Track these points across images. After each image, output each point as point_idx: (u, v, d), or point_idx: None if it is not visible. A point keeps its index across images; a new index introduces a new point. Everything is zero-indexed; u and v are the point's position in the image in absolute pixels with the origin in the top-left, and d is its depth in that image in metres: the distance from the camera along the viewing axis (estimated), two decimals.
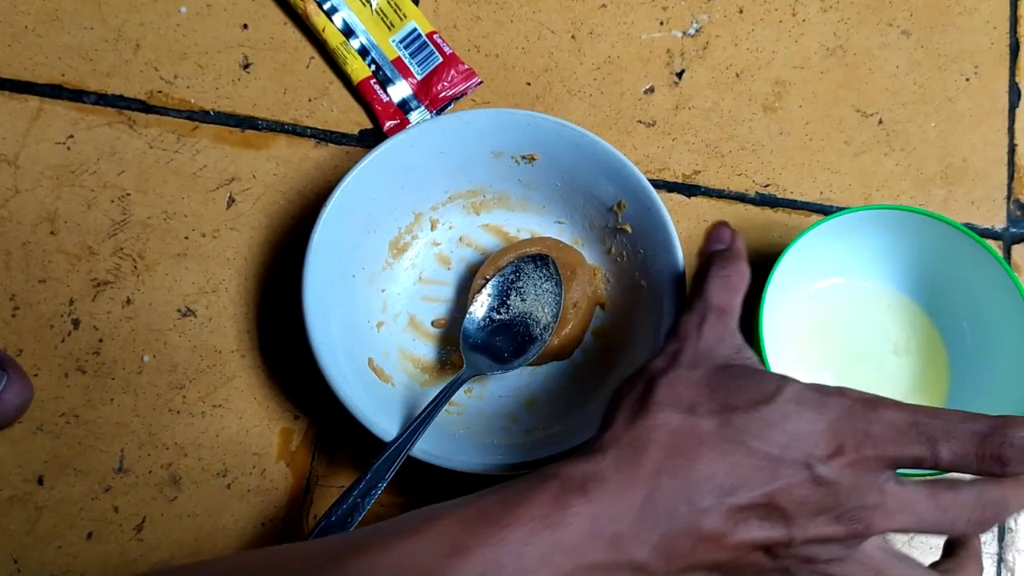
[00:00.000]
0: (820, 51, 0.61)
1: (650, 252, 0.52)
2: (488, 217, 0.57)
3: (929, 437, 0.34)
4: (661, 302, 0.51)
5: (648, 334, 0.52)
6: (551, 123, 0.52)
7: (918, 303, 0.55)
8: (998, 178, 0.59)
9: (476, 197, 0.57)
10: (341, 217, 0.51)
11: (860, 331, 0.55)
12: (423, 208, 0.56)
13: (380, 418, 0.49)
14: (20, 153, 0.58)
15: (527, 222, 0.57)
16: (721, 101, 0.61)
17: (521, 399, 0.54)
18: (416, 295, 0.56)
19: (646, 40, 0.62)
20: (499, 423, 0.53)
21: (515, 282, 0.53)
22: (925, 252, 0.53)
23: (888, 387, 0.54)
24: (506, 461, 0.48)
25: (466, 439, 0.51)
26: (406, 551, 0.33)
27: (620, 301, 0.55)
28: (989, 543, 0.53)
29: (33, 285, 0.56)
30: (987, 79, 0.61)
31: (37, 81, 0.60)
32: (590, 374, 0.55)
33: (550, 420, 0.53)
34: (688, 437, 0.35)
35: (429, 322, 0.56)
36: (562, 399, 0.54)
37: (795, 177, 0.59)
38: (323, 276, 0.50)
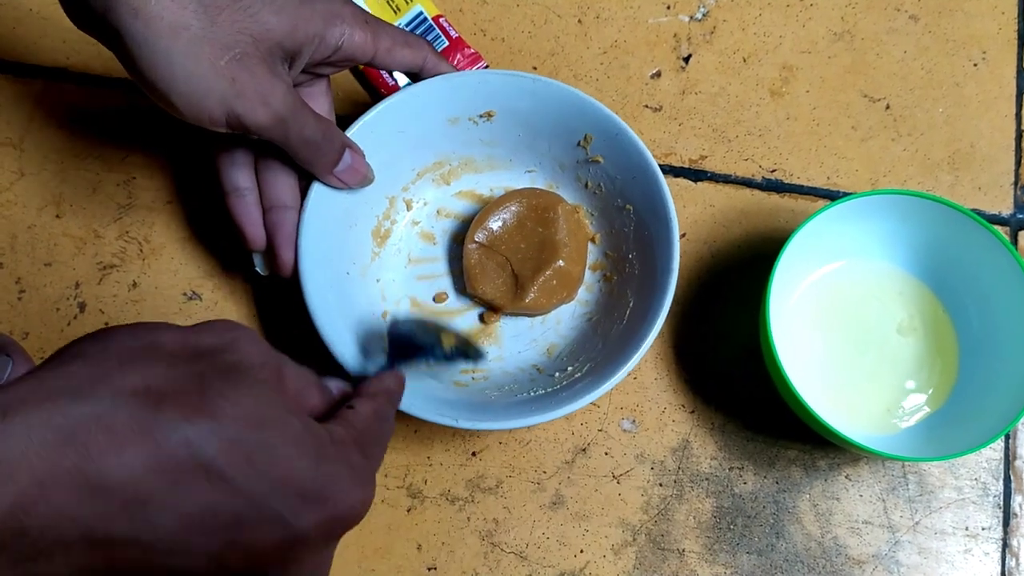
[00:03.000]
0: (828, 36, 0.61)
1: (627, 175, 0.53)
2: (459, 184, 0.58)
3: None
4: (647, 218, 0.52)
5: (643, 252, 0.53)
6: (500, 76, 0.53)
7: (925, 283, 0.55)
8: (1005, 164, 0.59)
9: (443, 168, 0.57)
10: (320, 220, 0.51)
11: (865, 312, 0.55)
12: (394, 191, 0.56)
13: (419, 403, 0.48)
14: (25, 136, 0.58)
15: (498, 179, 0.58)
16: (728, 86, 0.60)
17: (540, 349, 0.55)
18: (410, 277, 0.56)
19: (653, 24, 0.61)
20: (526, 376, 0.53)
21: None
22: (932, 237, 0.53)
23: (892, 366, 0.54)
24: (550, 408, 0.48)
25: (500, 400, 0.51)
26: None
27: (609, 230, 0.56)
28: (994, 528, 0.53)
29: (39, 268, 0.56)
30: (995, 65, 0.61)
31: (42, 64, 0.59)
32: (599, 307, 0.55)
33: (575, 361, 0.53)
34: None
35: (431, 300, 0.56)
36: (579, 339, 0.54)
37: (802, 162, 0.59)
38: (321, 281, 0.50)
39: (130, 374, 0.27)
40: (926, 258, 0.54)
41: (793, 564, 0.52)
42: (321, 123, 0.47)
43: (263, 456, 0.27)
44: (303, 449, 0.28)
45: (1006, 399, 0.49)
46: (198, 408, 0.27)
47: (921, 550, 0.53)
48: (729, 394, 0.55)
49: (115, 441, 0.25)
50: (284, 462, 0.28)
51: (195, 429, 0.26)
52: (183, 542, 0.26)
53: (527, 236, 0.55)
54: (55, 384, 0.26)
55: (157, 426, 0.26)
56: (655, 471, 0.54)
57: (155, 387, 0.27)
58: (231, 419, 0.27)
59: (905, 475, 0.54)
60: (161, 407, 0.26)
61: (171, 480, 0.26)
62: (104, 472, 0.25)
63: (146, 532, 0.26)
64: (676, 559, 0.52)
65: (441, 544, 0.53)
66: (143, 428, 0.26)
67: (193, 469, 0.26)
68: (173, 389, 0.27)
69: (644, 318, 0.50)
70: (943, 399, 0.53)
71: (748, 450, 0.54)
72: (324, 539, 0.29)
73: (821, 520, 0.53)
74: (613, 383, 0.48)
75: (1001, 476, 0.54)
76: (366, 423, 0.33)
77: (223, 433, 0.27)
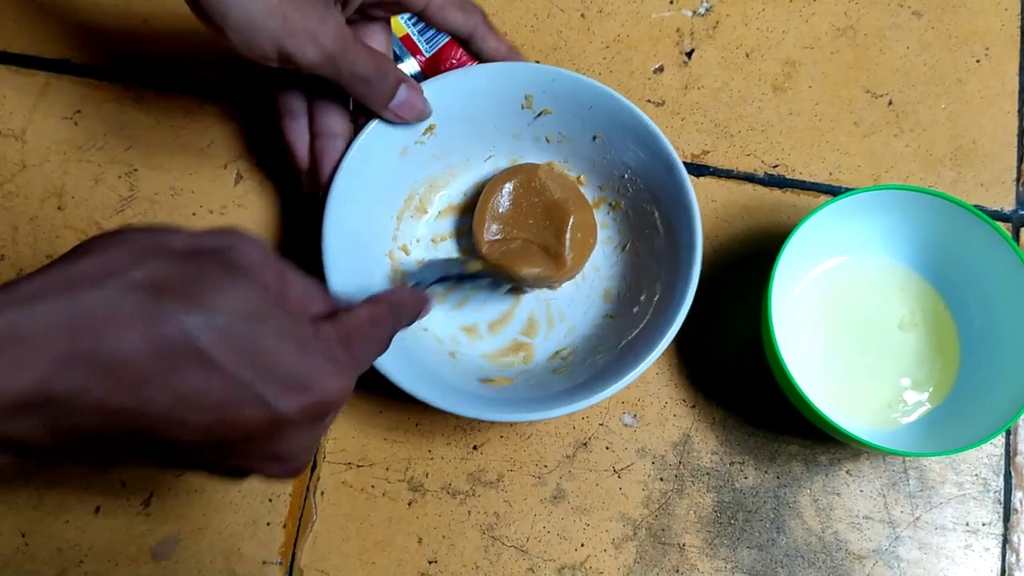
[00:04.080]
0: (830, 31, 0.61)
1: (577, 113, 0.54)
2: (435, 206, 0.58)
3: None
4: (620, 136, 0.53)
5: (638, 171, 0.54)
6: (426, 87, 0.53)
7: (926, 279, 0.55)
8: (1007, 160, 0.59)
9: (414, 200, 0.57)
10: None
11: (867, 308, 0.55)
12: (388, 245, 0.55)
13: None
14: (27, 128, 0.58)
15: (465, 182, 0.58)
16: (731, 81, 0.60)
17: (560, 349, 0.55)
18: (446, 311, 0.56)
19: (656, 19, 0.61)
20: (550, 367, 0.54)
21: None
22: (934, 233, 0.53)
23: (893, 361, 0.54)
24: (589, 393, 0.48)
25: (536, 393, 0.51)
26: None
27: (591, 165, 0.56)
28: (994, 524, 0.53)
29: (41, 260, 0.56)
30: (997, 61, 0.61)
31: (45, 56, 0.59)
32: (616, 288, 0.56)
33: (593, 355, 0.53)
34: None
35: (481, 324, 0.56)
36: (598, 334, 0.55)
37: (804, 158, 0.59)
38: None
39: (137, 268, 0.30)
40: (928, 254, 0.54)
41: (793, 559, 0.52)
42: (375, 58, 0.47)
43: (250, 345, 0.30)
44: (286, 341, 0.31)
45: (1007, 395, 0.49)
46: (195, 300, 0.30)
47: (921, 545, 0.53)
48: (730, 389, 0.55)
49: (122, 327, 0.29)
50: (269, 352, 0.31)
51: (191, 318, 0.29)
52: (179, 416, 0.30)
53: (529, 211, 0.55)
54: (73, 276, 0.30)
55: (158, 315, 0.29)
56: (656, 466, 0.54)
57: (158, 280, 0.30)
58: (223, 311, 0.30)
59: (906, 470, 0.54)
60: (162, 298, 0.29)
61: (169, 362, 0.29)
62: (113, 353, 0.29)
63: (148, 405, 0.29)
64: (677, 553, 0.52)
65: (442, 537, 0.53)
66: (146, 316, 0.29)
67: (188, 354, 0.29)
68: (174, 282, 0.30)
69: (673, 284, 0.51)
70: (944, 395, 0.53)
71: (749, 445, 0.54)
72: (305, 420, 0.32)
73: (822, 515, 0.53)
74: (642, 368, 0.48)
75: (1002, 472, 0.54)
76: (357, 324, 0.35)
77: (215, 323, 0.30)
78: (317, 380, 0.32)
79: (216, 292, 0.30)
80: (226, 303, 0.30)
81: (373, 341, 0.37)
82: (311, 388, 0.32)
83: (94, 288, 0.29)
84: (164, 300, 0.29)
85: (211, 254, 0.32)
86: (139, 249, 0.31)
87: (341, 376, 0.33)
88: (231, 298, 0.31)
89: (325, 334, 0.34)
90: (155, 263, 0.30)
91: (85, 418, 0.29)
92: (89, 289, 0.29)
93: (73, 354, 0.28)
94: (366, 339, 0.36)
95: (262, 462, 0.34)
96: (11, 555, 0.52)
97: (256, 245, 0.34)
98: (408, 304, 0.41)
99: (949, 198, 0.50)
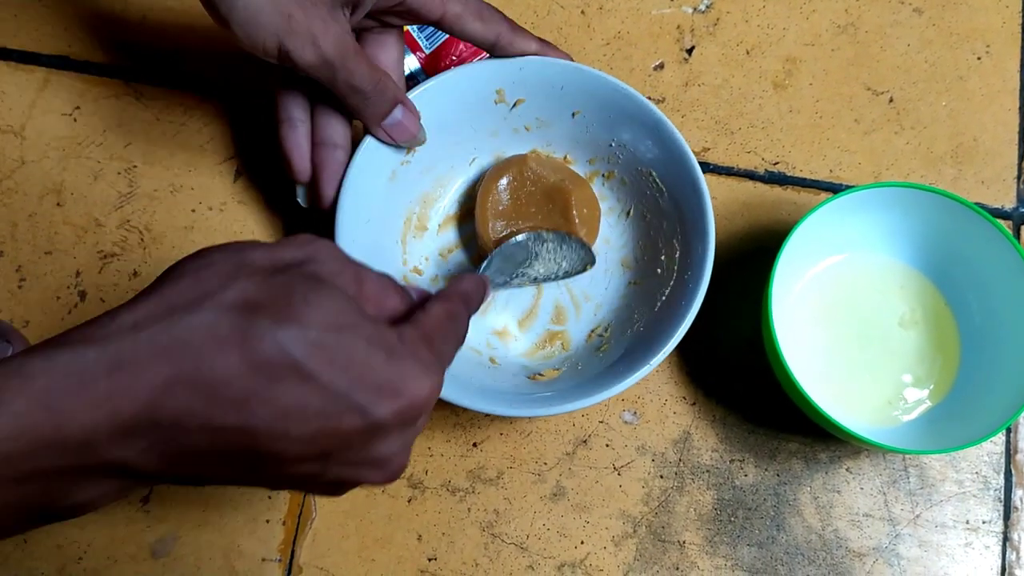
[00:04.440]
0: (831, 28, 0.61)
1: (550, 95, 0.54)
2: (433, 221, 0.57)
3: None
4: (600, 108, 0.53)
5: (623, 135, 0.54)
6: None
7: (927, 277, 0.55)
8: (1008, 158, 0.59)
9: (412, 220, 0.56)
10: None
11: (868, 305, 0.55)
12: (400, 269, 0.55)
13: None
14: (26, 124, 0.58)
15: (457, 191, 0.58)
16: (731, 78, 0.60)
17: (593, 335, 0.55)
18: (474, 322, 0.55)
19: (656, 16, 0.61)
20: (592, 347, 0.54)
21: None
22: (934, 230, 0.53)
23: (894, 359, 0.54)
24: (643, 360, 0.48)
25: (585, 375, 0.51)
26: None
27: (574, 143, 0.56)
28: (994, 522, 0.53)
29: (39, 257, 0.56)
30: (999, 58, 0.61)
31: (43, 52, 0.59)
32: (637, 263, 0.56)
33: (625, 315, 0.54)
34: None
35: (511, 321, 0.55)
36: (615, 288, 0.55)
37: (805, 155, 0.59)
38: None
39: (229, 289, 0.31)
40: (928, 251, 0.54)
41: (793, 557, 0.52)
42: (373, 73, 0.47)
43: (342, 356, 0.31)
44: (375, 348, 0.32)
45: (1007, 393, 0.49)
46: (286, 315, 0.31)
47: (922, 543, 0.53)
48: (731, 386, 0.55)
49: (220, 348, 0.30)
50: (360, 360, 0.32)
51: (284, 334, 0.30)
52: (281, 429, 0.31)
53: (529, 201, 0.55)
54: (169, 302, 0.31)
55: (253, 333, 0.30)
56: (656, 463, 0.54)
57: (249, 299, 0.31)
58: (314, 324, 0.31)
59: (906, 468, 0.54)
60: (255, 316, 0.30)
61: (268, 378, 0.30)
62: (214, 373, 0.30)
63: (251, 421, 0.30)
64: (676, 551, 0.52)
65: (442, 535, 0.52)
66: (242, 335, 0.30)
67: (285, 368, 0.30)
68: (264, 300, 0.31)
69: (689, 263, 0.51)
70: (944, 392, 0.53)
71: (749, 442, 0.54)
72: (400, 424, 0.33)
73: (822, 513, 0.53)
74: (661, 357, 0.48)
75: (1002, 470, 0.54)
76: (435, 322, 0.36)
77: (307, 336, 0.31)
78: (408, 383, 0.33)
79: (305, 306, 0.31)
80: (315, 316, 0.31)
81: (452, 336, 0.38)
82: (403, 392, 0.33)
83: (190, 312, 0.30)
84: (257, 318, 0.30)
85: (294, 267, 0.33)
86: (227, 270, 0.32)
87: (430, 376, 0.34)
88: (319, 310, 0.32)
89: (409, 337, 0.34)
90: (244, 283, 0.32)
91: (192, 439, 0.30)
92: (186, 314, 0.30)
93: (177, 378, 0.29)
94: (446, 336, 0.37)
95: (362, 469, 0.34)
96: (10, 552, 0.52)
97: (332, 251, 0.35)
98: (474, 292, 0.41)
99: (950, 195, 0.50)
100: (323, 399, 0.31)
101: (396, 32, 0.51)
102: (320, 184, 0.51)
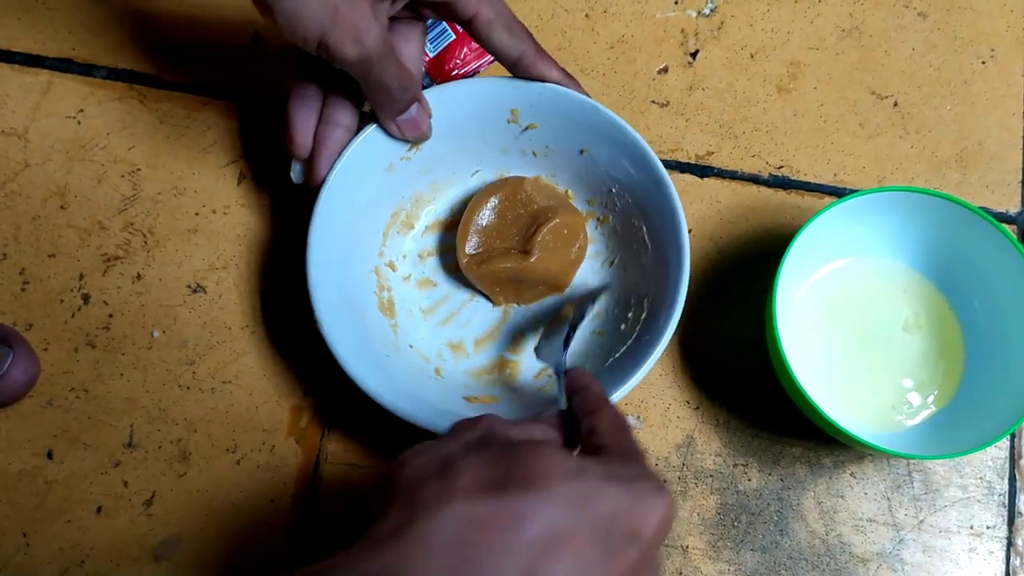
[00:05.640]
0: (836, 32, 0.61)
1: (563, 127, 0.53)
2: (422, 222, 0.57)
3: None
4: (607, 148, 0.53)
5: (625, 185, 0.53)
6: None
7: (931, 281, 0.55)
8: (1013, 162, 0.59)
9: (400, 216, 0.56)
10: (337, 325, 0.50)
11: (871, 309, 0.55)
12: (374, 262, 0.55)
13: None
14: (30, 127, 0.58)
15: (452, 197, 0.58)
16: (735, 82, 0.60)
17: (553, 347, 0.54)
18: (435, 327, 0.56)
19: (660, 19, 0.61)
20: (536, 385, 0.53)
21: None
22: (939, 235, 0.53)
23: (898, 364, 0.54)
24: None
25: (521, 411, 0.51)
26: None
27: (578, 178, 0.56)
28: (999, 527, 0.53)
29: (43, 260, 0.56)
30: (1003, 62, 0.61)
31: (47, 55, 0.59)
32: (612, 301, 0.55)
33: (578, 362, 0.53)
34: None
35: (468, 339, 0.55)
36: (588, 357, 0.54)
37: (809, 159, 0.59)
38: (366, 370, 0.49)
39: (464, 503, 0.32)
40: (933, 256, 0.54)
41: (797, 562, 0.52)
42: (402, 73, 0.48)
43: (593, 503, 0.33)
44: (620, 495, 0.33)
45: (1012, 398, 0.49)
46: (529, 485, 0.32)
47: (926, 548, 0.53)
48: (734, 391, 0.55)
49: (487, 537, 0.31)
50: (615, 516, 0.33)
51: (536, 502, 0.32)
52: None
53: (514, 222, 0.55)
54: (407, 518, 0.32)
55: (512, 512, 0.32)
56: (659, 467, 0.54)
57: (483, 480, 0.33)
58: (555, 485, 0.32)
59: (910, 473, 0.54)
60: (503, 494, 0.32)
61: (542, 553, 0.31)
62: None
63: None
64: (680, 556, 0.52)
65: None
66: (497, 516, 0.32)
67: (561, 540, 0.31)
68: (502, 515, 0.32)
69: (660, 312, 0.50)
70: (948, 397, 0.53)
71: (753, 447, 0.54)
72: (659, 542, 0.34)
73: (825, 518, 0.53)
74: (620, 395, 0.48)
75: (1006, 475, 0.54)
76: (619, 440, 0.38)
77: (558, 498, 0.32)
78: (650, 510, 0.33)
79: (539, 506, 0.32)
80: (552, 476, 0.32)
81: (627, 431, 0.39)
82: (651, 517, 0.33)
83: (432, 518, 0.31)
84: (505, 496, 0.32)
85: (507, 471, 0.33)
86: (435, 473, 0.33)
87: (660, 491, 0.34)
88: (554, 501, 0.32)
89: (622, 472, 0.35)
90: (471, 468, 0.33)
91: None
92: (427, 522, 0.31)
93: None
94: (631, 447, 0.38)
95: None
96: (12, 555, 0.52)
97: (494, 418, 0.37)
98: (597, 388, 0.42)
99: (954, 200, 0.50)
100: (611, 551, 0.32)
101: (422, 26, 0.51)
102: (316, 160, 0.51)
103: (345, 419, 0.54)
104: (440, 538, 0.31)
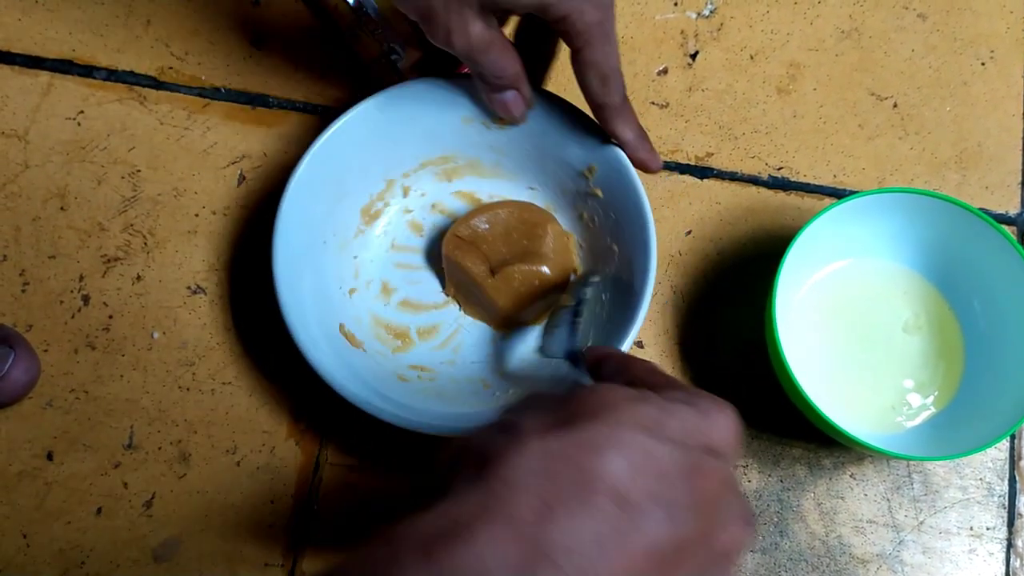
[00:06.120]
0: (835, 34, 0.61)
1: (622, 217, 0.52)
2: (460, 184, 0.57)
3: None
4: (631, 267, 0.51)
5: (615, 299, 0.52)
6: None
7: (931, 282, 0.55)
8: (1013, 163, 0.59)
9: (448, 164, 0.56)
10: (311, 184, 0.51)
11: (871, 310, 0.55)
12: (395, 175, 0.56)
13: (350, 382, 0.49)
14: (30, 128, 0.58)
15: (499, 188, 0.57)
16: (735, 83, 0.60)
17: (493, 365, 0.54)
18: (389, 262, 0.56)
19: (660, 21, 0.61)
20: (470, 388, 0.53)
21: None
22: (938, 236, 0.53)
23: (897, 365, 0.54)
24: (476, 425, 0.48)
25: (437, 405, 0.51)
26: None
27: (593, 267, 0.55)
28: (998, 528, 0.53)
29: (43, 261, 0.56)
30: (1003, 64, 0.61)
31: (47, 56, 0.59)
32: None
33: (520, 387, 0.53)
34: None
35: (405, 286, 0.56)
36: (534, 366, 0.54)
37: (808, 160, 0.59)
38: (294, 243, 0.51)
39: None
40: (932, 257, 0.54)
41: (797, 563, 0.52)
42: (502, 62, 0.47)
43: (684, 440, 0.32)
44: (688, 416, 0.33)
45: (1012, 399, 0.49)
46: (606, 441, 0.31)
47: (925, 550, 0.53)
48: (734, 392, 0.55)
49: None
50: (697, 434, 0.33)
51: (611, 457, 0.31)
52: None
53: (511, 244, 0.54)
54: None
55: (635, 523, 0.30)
56: None
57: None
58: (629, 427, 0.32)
59: (910, 474, 0.54)
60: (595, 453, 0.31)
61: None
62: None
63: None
64: None
65: None
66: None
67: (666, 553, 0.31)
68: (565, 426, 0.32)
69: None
70: (948, 398, 0.53)
71: (752, 448, 0.54)
72: (734, 457, 0.35)
73: (825, 519, 0.53)
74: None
75: (1006, 476, 0.54)
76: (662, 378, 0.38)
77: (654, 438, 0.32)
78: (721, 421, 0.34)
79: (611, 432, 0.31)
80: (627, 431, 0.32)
81: (665, 373, 0.39)
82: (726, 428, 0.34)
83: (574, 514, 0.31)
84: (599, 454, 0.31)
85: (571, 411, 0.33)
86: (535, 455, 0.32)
87: (718, 401, 0.35)
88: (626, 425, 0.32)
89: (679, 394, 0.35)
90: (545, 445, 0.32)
91: None
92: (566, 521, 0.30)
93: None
94: (669, 376, 0.38)
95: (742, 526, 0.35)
96: (12, 556, 0.52)
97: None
98: (613, 350, 0.43)
99: (954, 201, 0.50)
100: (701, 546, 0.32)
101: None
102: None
103: (345, 420, 0.54)
104: (522, 473, 0.30)
